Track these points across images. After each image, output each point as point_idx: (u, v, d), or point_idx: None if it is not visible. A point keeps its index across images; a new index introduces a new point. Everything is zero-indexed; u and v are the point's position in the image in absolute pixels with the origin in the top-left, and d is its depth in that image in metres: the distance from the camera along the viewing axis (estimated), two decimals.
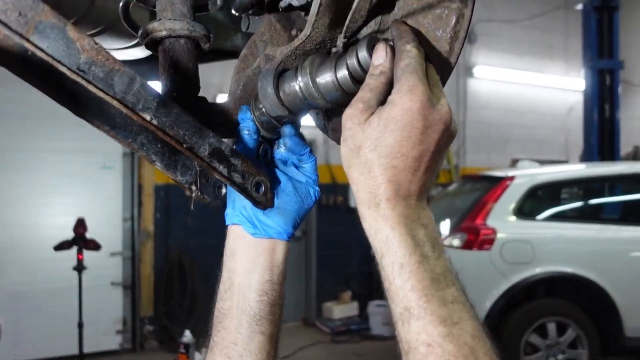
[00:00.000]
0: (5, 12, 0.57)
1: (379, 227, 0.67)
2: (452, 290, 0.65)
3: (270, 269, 0.86)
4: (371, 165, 0.67)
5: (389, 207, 0.67)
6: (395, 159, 0.67)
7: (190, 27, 0.86)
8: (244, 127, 0.88)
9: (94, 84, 0.64)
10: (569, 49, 10.14)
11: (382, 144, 0.67)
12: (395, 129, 0.66)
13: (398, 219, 0.66)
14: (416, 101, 0.66)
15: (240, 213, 0.86)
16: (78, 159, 6.55)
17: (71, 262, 5.20)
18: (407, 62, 0.68)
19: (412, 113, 0.66)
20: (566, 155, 10.21)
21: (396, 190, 0.67)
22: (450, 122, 0.69)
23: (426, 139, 0.67)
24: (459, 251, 5.04)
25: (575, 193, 6.04)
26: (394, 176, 0.67)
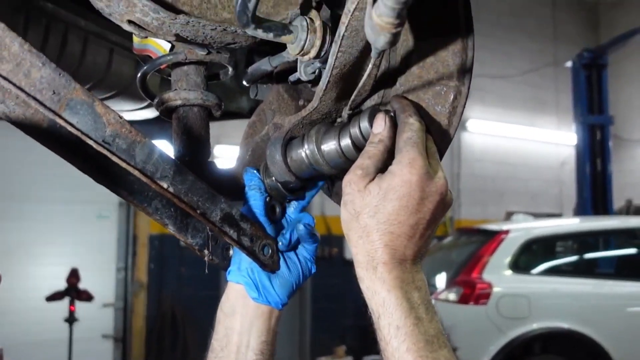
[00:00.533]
0: (40, 92, 0.62)
1: (376, 289, 0.72)
2: (445, 352, 0.69)
3: (267, 331, 0.89)
4: (370, 230, 0.73)
5: (386, 270, 0.72)
6: (392, 226, 0.72)
7: (203, 96, 0.92)
8: (251, 187, 0.91)
9: (118, 155, 0.69)
10: (560, 104, 10.38)
11: (380, 211, 0.72)
12: (394, 199, 0.72)
13: (394, 282, 0.71)
14: (415, 174, 0.71)
15: (247, 274, 0.88)
16: (73, 208, 6.55)
17: (62, 313, 5.12)
18: (409, 135, 0.74)
19: (410, 185, 0.71)
20: (560, 208, 10.29)
21: (392, 255, 0.72)
22: (445, 193, 0.74)
23: (422, 209, 0.72)
24: (455, 305, 5.01)
25: (570, 247, 6.06)
26: (391, 241, 0.72)
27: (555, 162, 10.47)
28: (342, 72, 0.75)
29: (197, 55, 0.90)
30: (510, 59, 10.14)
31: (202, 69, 0.95)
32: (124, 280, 6.91)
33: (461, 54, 0.79)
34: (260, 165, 0.92)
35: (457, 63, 0.79)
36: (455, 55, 0.79)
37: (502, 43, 10.04)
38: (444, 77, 0.79)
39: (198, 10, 0.78)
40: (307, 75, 0.83)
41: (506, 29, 10.14)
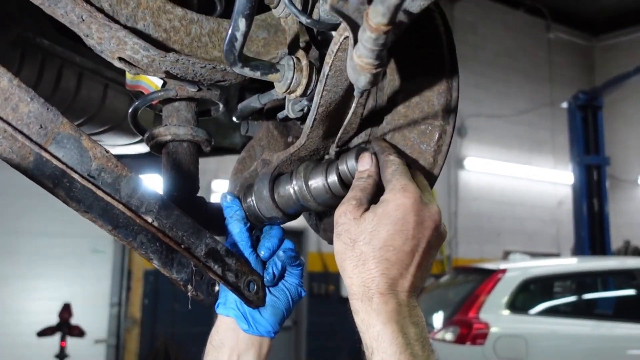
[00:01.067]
0: (28, 125, 0.63)
1: (371, 322, 0.69)
2: None
3: None
4: (366, 258, 0.70)
5: (382, 301, 0.68)
6: (388, 252, 0.70)
7: (193, 132, 0.93)
8: (233, 216, 0.89)
9: (102, 189, 0.69)
10: (556, 144, 10.47)
11: (376, 237, 0.70)
12: (389, 223, 0.70)
13: (390, 315, 0.68)
14: (409, 197, 0.70)
15: (236, 307, 0.88)
16: (68, 242, 6.52)
17: (53, 350, 5.03)
18: (394, 168, 0.74)
19: (405, 208, 0.70)
20: (557, 247, 10.25)
21: (389, 285, 0.69)
22: (439, 222, 0.73)
23: (417, 235, 0.71)
24: (452, 345, 4.93)
25: (568, 287, 6.01)
26: (387, 270, 0.69)
27: (552, 201, 10.49)
28: (328, 110, 0.76)
29: (187, 92, 0.92)
30: (506, 98, 10.27)
31: (193, 105, 0.97)
32: (117, 315, 6.83)
33: (446, 95, 0.80)
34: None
35: (441, 103, 0.80)
36: (440, 95, 0.80)
37: (499, 83, 10.20)
38: (429, 116, 0.81)
39: (188, 49, 0.80)
40: (295, 112, 0.84)
41: (503, 70, 10.32)
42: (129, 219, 0.76)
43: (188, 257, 0.79)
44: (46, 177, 0.69)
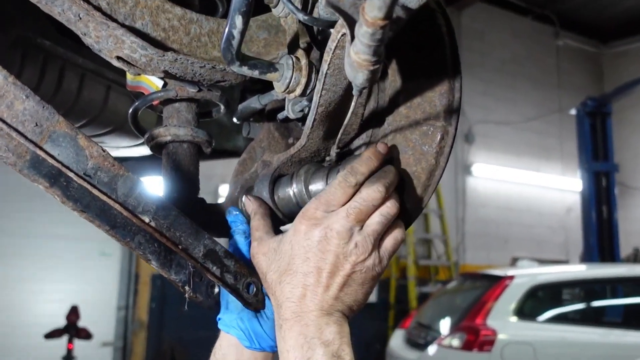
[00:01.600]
0: (23, 123, 0.63)
1: (281, 349, 0.71)
2: None
3: None
4: (274, 287, 0.74)
5: (287, 327, 0.71)
6: (288, 276, 0.72)
7: (193, 133, 0.92)
8: (236, 230, 0.90)
9: (99, 188, 0.68)
10: (564, 151, 10.40)
11: (278, 263, 0.74)
12: (287, 248, 0.74)
13: (293, 341, 0.70)
14: (303, 223, 0.73)
15: (237, 325, 0.87)
16: (76, 245, 6.54)
17: (61, 351, 5.04)
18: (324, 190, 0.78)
19: (298, 233, 0.73)
20: (566, 254, 10.17)
21: (292, 309, 0.71)
22: (336, 243, 0.71)
23: (313, 257, 0.71)
24: (458, 352, 4.89)
25: (577, 294, 5.95)
26: (290, 293, 0.71)
27: (560, 208, 10.41)
28: (327, 110, 0.75)
29: (188, 92, 0.91)
30: (514, 105, 10.22)
31: (194, 106, 0.96)
32: (124, 318, 6.83)
33: (448, 95, 0.79)
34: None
35: (444, 104, 0.79)
36: (442, 96, 0.79)
37: (507, 90, 10.16)
38: (431, 117, 0.80)
39: (187, 48, 0.79)
40: (295, 113, 0.83)
41: (511, 77, 10.27)
42: (127, 219, 0.75)
43: (186, 258, 0.78)
44: (43, 175, 0.69)
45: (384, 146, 0.77)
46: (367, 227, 0.72)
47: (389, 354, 6.08)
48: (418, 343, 5.53)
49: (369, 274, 0.73)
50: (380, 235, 0.73)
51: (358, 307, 0.74)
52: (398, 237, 0.76)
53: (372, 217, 0.73)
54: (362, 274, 0.72)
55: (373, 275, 0.73)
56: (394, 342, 6.15)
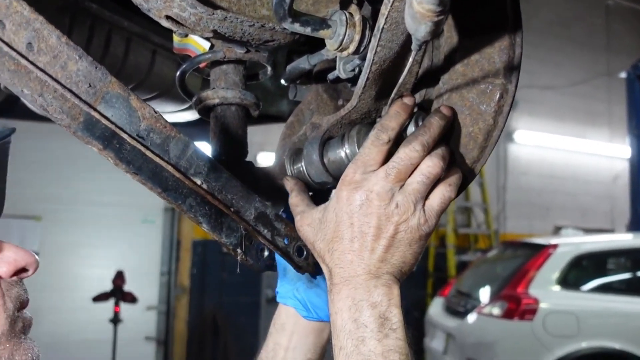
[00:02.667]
0: (77, 84, 0.62)
1: (330, 312, 0.72)
2: None
3: (315, 349, 0.90)
4: (323, 255, 0.74)
5: (335, 291, 0.71)
6: (335, 243, 0.72)
7: (241, 95, 0.91)
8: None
9: (152, 150, 0.68)
10: (612, 116, 10.02)
11: (325, 231, 0.74)
12: (332, 216, 0.74)
13: (342, 303, 0.70)
14: (344, 189, 0.73)
15: (293, 296, 0.89)
16: (120, 212, 6.72)
17: (108, 314, 5.24)
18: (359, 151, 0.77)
19: (341, 200, 0.73)
20: (611, 224, 9.89)
21: (340, 274, 0.71)
22: (378, 204, 0.70)
23: (356, 222, 0.71)
24: (498, 320, 4.86)
25: (623, 264, 5.80)
26: (338, 260, 0.72)
27: (607, 176, 10.09)
28: (381, 68, 0.72)
29: (235, 53, 0.89)
30: (560, 69, 9.86)
31: (241, 68, 0.94)
32: (167, 284, 7.03)
33: (508, 51, 0.75)
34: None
35: (503, 60, 0.75)
36: (502, 52, 0.75)
37: (553, 53, 9.78)
38: (489, 74, 0.76)
39: (236, 7, 0.77)
40: (346, 72, 0.80)
41: (557, 39, 9.88)
42: (178, 181, 0.75)
43: (237, 221, 0.78)
44: (96, 137, 0.68)
45: (411, 98, 0.76)
46: (408, 186, 0.71)
47: (427, 321, 6.09)
48: (457, 311, 5.52)
49: (415, 234, 0.71)
50: (423, 194, 0.71)
51: (409, 268, 0.73)
52: (445, 195, 0.73)
53: (412, 176, 0.71)
54: (408, 234, 0.71)
55: (420, 235, 0.72)
56: (433, 309, 6.15)
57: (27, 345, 0.66)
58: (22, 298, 0.67)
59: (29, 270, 0.69)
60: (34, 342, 0.69)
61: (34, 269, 0.69)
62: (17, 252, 0.67)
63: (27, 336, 0.68)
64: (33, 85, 0.62)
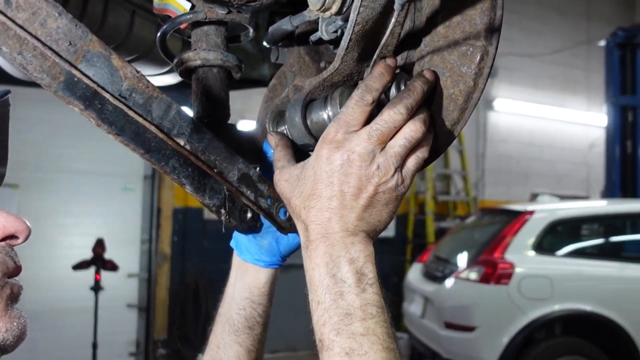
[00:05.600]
0: (57, 42, 0.61)
1: (306, 267, 0.73)
2: (369, 323, 0.67)
3: (250, 289, 0.96)
4: (299, 211, 0.75)
5: (312, 247, 0.72)
6: (312, 200, 0.73)
7: (223, 57, 0.90)
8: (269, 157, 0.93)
9: (134, 110, 0.68)
10: (590, 85, 10.11)
11: (302, 188, 0.75)
12: (310, 173, 0.75)
13: (319, 259, 0.71)
14: (324, 147, 0.73)
15: (234, 235, 0.97)
16: (99, 180, 6.66)
17: (88, 282, 5.24)
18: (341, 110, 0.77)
19: (320, 158, 0.73)
20: (587, 191, 10.10)
21: (317, 231, 0.72)
22: (359, 166, 0.71)
23: (336, 181, 0.72)
24: (476, 284, 4.98)
25: (596, 230, 5.95)
26: (315, 216, 0.73)
27: (583, 144, 10.25)
28: (364, 29, 0.72)
29: (217, 14, 0.88)
30: (540, 37, 9.88)
31: (223, 30, 0.94)
32: (148, 251, 7.03)
33: (489, 13, 0.76)
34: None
35: (485, 22, 0.76)
36: (484, 13, 0.76)
37: (532, 20, 9.78)
38: (470, 36, 0.76)
39: None
40: (329, 34, 0.80)
41: (537, 6, 9.87)
42: (161, 142, 0.75)
43: (221, 182, 0.78)
44: (77, 97, 0.68)
45: (394, 60, 0.78)
46: (390, 149, 0.72)
47: (406, 286, 6.21)
48: (435, 276, 5.63)
49: (392, 195, 0.73)
50: (403, 157, 0.73)
51: (383, 227, 0.76)
52: (420, 157, 0.75)
53: (394, 139, 0.73)
54: (386, 195, 0.73)
55: (397, 195, 0.74)
56: (411, 275, 6.27)
57: (14, 314, 0.66)
58: (8, 264, 0.65)
59: (19, 238, 0.68)
60: (21, 311, 0.68)
61: (25, 236, 0.68)
62: (7, 218, 0.66)
63: (14, 305, 0.66)
64: (12, 43, 0.61)
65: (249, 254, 0.95)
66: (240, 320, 0.95)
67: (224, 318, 0.97)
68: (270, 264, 0.96)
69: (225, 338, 0.95)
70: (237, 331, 0.95)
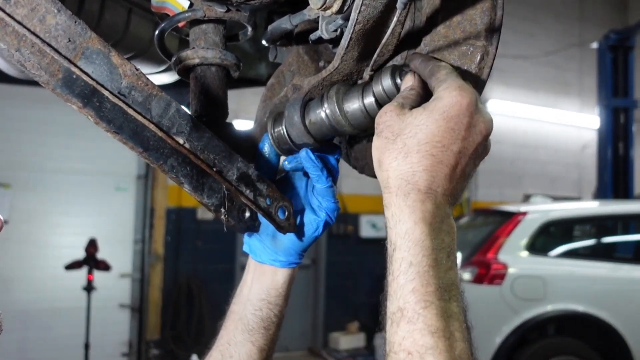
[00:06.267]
0: (56, 39, 0.61)
1: (402, 218, 0.63)
2: (454, 306, 0.60)
3: (267, 290, 0.94)
4: (409, 151, 0.65)
5: (419, 199, 0.63)
6: (435, 148, 0.64)
7: (222, 55, 0.90)
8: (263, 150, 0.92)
9: (133, 108, 0.67)
10: (583, 87, 10.17)
11: (423, 131, 0.64)
12: (440, 119, 0.64)
13: (424, 214, 0.62)
14: (466, 97, 0.65)
15: (246, 239, 0.94)
16: (92, 180, 6.62)
17: (80, 282, 5.21)
18: (447, 71, 0.69)
19: (460, 107, 0.65)
20: (579, 192, 10.15)
21: (430, 183, 0.64)
22: (490, 131, 0.68)
23: (468, 137, 0.65)
24: (469, 285, 4.99)
25: (588, 231, 5.99)
26: (432, 166, 0.64)
27: (576, 145, 10.30)
28: (365, 28, 0.72)
29: (216, 12, 0.88)
30: (533, 39, 9.93)
31: (221, 28, 0.93)
32: (141, 252, 7.00)
33: (490, 13, 0.76)
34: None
35: (485, 22, 0.76)
36: (484, 13, 0.76)
37: (526, 23, 9.83)
38: (471, 36, 0.76)
39: None
40: (329, 33, 0.80)
41: (530, 9, 9.92)
42: (160, 141, 0.74)
43: (220, 181, 0.78)
44: (76, 95, 0.67)
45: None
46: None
47: None
48: None
49: (473, 174, 0.70)
50: None
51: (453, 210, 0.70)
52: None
53: None
54: (473, 170, 0.70)
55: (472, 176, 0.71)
56: None
57: None
58: None
59: None
60: None
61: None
62: None
63: None
64: (10, 40, 0.60)
65: (265, 255, 0.93)
66: (256, 320, 0.93)
67: (236, 316, 0.94)
68: (288, 263, 0.93)
69: (238, 336, 0.93)
70: (251, 330, 0.92)
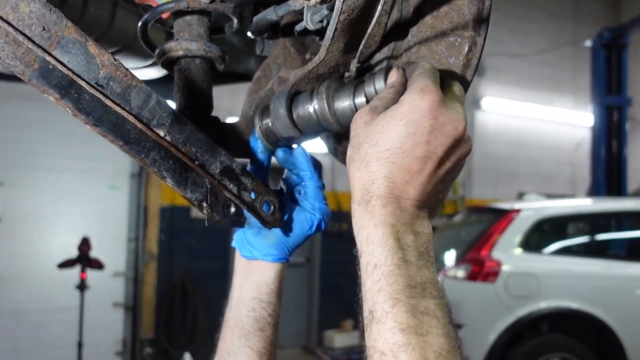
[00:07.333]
0: (30, 27, 0.59)
1: (364, 224, 0.63)
2: (429, 303, 0.58)
3: (258, 287, 0.91)
4: (369, 160, 0.64)
5: (379, 204, 0.63)
6: (394, 155, 0.63)
7: (206, 47, 0.88)
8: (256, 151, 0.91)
9: (112, 99, 0.65)
10: (577, 85, 10.20)
11: (384, 138, 0.64)
12: (400, 124, 0.63)
13: (384, 217, 0.62)
14: (426, 99, 0.63)
15: (236, 235, 0.92)
16: (86, 178, 6.59)
17: (74, 281, 5.18)
18: (421, 71, 0.67)
19: (420, 110, 0.63)
20: (572, 190, 10.18)
21: (390, 189, 0.63)
22: (463, 130, 0.65)
23: (433, 141, 0.63)
24: (463, 282, 4.99)
25: (582, 228, 6.00)
26: (391, 173, 0.63)
27: (569, 143, 10.33)
28: (350, 18, 0.71)
29: (200, 3, 0.86)
30: (527, 37, 9.94)
31: (206, 20, 0.91)
32: (135, 250, 6.97)
33: (478, 3, 0.74)
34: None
35: (473, 12, 0.74)
36: (472, 3, 0.74)
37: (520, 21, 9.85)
38: (458, 27, 0.75)
39: None
40: (314, 23, 0.78)
41: (524, 7, 9.93)
42: (141, 134, 0.73)
43: (202, 175, 0.76)
44: (53, 86, 0.65)
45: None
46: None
47: None
48: None
49: (455, 175, 0.68)
50: None
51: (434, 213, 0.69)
52: None
53: None
54: (457, 170, 0.68)
55: (458, 174, 0.69)
56: None
57: None
58: None
59: None
60: None
61: None
62: None
63: None
64: None
65: (257, 250, 0.91)
66: (250, 322, 0.90)
67: (232, 323, 0.91)
68: (279, 257, 0.91)
69: (236, 343, 0.89)
70: (247, 334, 0.89)
